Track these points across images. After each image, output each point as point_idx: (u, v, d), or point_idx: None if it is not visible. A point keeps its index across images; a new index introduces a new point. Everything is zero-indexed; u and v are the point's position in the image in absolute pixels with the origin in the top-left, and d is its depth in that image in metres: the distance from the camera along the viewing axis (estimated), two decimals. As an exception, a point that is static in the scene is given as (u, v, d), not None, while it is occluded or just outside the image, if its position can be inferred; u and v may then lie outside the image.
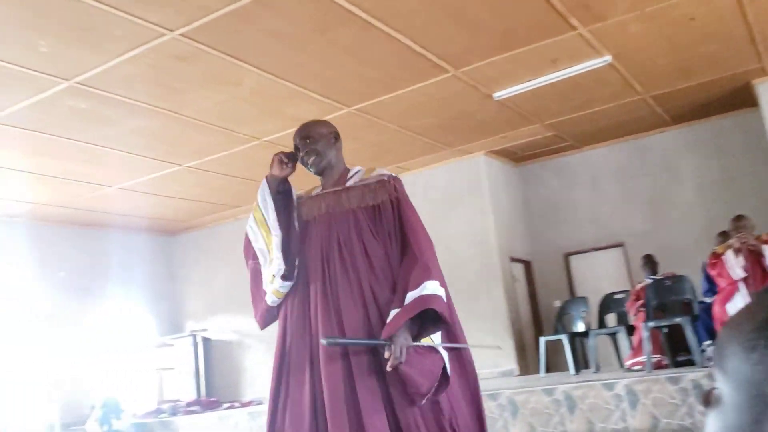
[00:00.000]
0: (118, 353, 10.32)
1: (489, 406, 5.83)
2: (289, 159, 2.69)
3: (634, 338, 6.56)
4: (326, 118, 7.11)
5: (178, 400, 9.63)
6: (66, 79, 5.65)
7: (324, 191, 2.69)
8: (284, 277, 2.54)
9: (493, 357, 8.60)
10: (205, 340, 11.15)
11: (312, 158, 2.64)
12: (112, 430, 8.15)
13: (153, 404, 9.91)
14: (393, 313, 2.30)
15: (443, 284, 2.38)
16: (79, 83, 5.73)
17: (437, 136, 8.31)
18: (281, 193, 2.69)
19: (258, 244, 2.68)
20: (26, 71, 5.42)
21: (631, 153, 9.31)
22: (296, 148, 2.70)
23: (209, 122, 6.95)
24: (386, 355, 2.21)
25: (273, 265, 2.56)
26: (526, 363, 8.68)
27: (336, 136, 2.74)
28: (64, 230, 10.00)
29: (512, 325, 8.75)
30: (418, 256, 2.41)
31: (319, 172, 2.69)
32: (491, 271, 8.91)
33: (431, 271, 2.37)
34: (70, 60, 5.34)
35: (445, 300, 2.35)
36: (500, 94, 7.06)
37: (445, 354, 2.34)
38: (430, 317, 2.32)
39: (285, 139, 7.55)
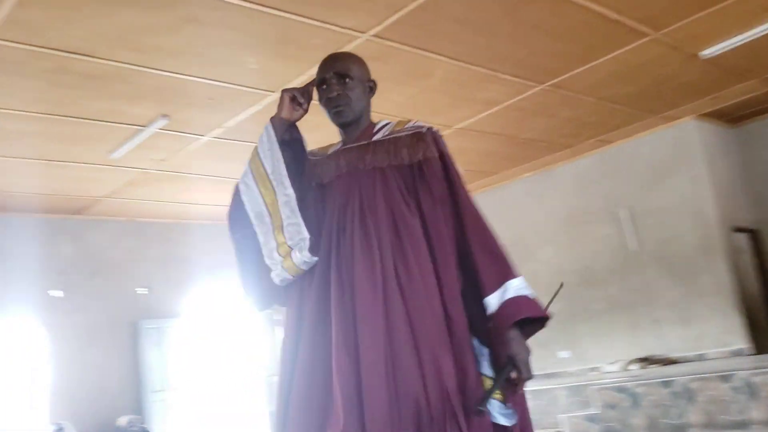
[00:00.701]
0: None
1: (721, 389, 5.43)
2: (305, 98, 2.12)
3: None
4: (519, 97, 7.02)
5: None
6: (272, 92, 6.11)
7: (344, 147, 2.13)
8: (311, 250, 1.93)
9: (720, 336, 7.98)
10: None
11: (343, 105, 2.07)
12: None
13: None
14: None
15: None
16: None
17: (639, 104, 7.85)
18: (287, 142, 2.11)
19: (255, 207, 2.03)
20: (240, 88, 5.94)
21: None
22: (322, 82, 2.12)
23: (403, 117, 7.13)
24: (513, 375, 1.79)
25: (288, 232, 1.95)
26: (760, 341, 7.93)
27: (373, 87, 2.21)
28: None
29: (740, 300, 8.04)
30: (488, 242, 1.88)
31: (346, 124, 2.12)
32: (711, 244, 8.24)
33: (509, 265, 1.86)
34: (276, 73, 5.77)
35: (532, 296, 1.85)
36: (707, 53, 6.49)
37: None
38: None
39: (477, 124, 7.56)
